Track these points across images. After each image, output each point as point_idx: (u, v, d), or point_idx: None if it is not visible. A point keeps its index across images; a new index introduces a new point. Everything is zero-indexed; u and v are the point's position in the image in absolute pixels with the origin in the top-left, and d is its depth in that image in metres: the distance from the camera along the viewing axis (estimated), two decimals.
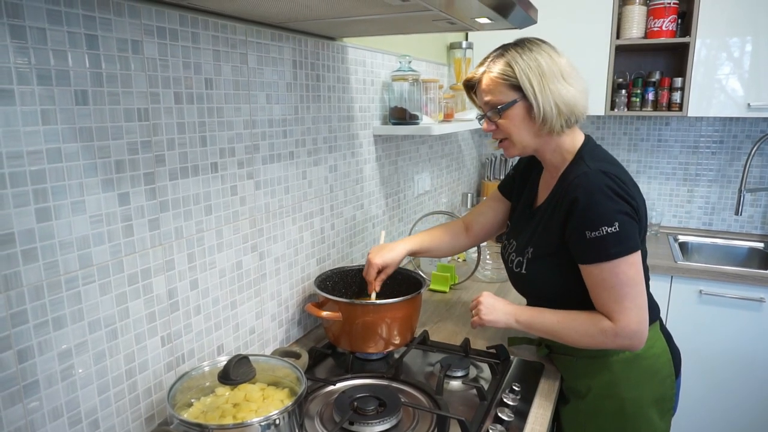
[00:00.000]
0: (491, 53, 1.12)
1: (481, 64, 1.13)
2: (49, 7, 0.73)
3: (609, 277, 1.02)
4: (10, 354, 0.73)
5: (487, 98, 1.11)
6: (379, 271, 1.31)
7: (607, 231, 0.99)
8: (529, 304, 1.23)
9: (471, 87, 1.17)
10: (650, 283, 1.16)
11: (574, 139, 1.12)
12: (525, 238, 1.18)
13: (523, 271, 1.16)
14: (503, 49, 1.10)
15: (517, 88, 1.06)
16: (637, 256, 1.03)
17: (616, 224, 0.99)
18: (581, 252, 1.04)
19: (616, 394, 1.13)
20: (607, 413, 1.14)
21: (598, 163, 1.06)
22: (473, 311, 1.20)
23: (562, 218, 1.06)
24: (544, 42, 1.10)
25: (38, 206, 0.74)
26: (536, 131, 1.09)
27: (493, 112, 1.11)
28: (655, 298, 1.18)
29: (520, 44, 1.09)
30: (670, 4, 2.16)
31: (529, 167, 1.29)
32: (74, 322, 0.81)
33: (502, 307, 1.17)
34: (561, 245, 1.08)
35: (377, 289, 1.32)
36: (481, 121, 1.17)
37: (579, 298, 1.09)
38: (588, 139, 1.14)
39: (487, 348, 1.29)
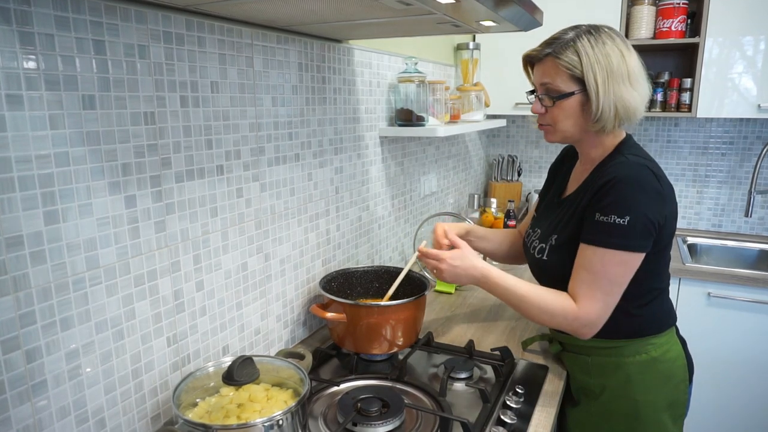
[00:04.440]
0: (560, 33, 1.07)
1: (548, 44, 1.08)
2: (58, 14, 0.75)
3: (596, 262, 1.02)
4: (18, 354, 0.74)
5: (545, 80, 1.08)
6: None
7: (614, 220, 0.99)
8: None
9: (530, 61, 1.14)
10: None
11: (616, 136, 1.12)
12: (550, 226, 1.17)
13: (545, 258, 1.15)
14: (576, 34, 1.05)
15: (580, 81, 1.04)
16: (633, 258, 1.02)
17: (627, 218, 0.98)
18: (586, 229, 1.04)
19: (630, 396, 1.12)
20: (620, 415, 1.14)
21: (638, 158, 1.05)
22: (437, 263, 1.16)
23: (588, 200, 1.05)
24: (618, 35, 1.06)
25: (46, 209, 0.76)
26: (585, 126, 1.08)
27: (547, 96, 1.08)
28: None
29: (596, 33, 1.05)
30: (679, 4, 2.14)
31: (561, 162, 1.31)
32: (81, 323, 0.82)
33: (470, 262, 1.14)
34: (581, 230, 1.07)
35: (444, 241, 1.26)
36: (530, 98, 1.15)
37: None
38: (629, 136, 1.13)
39: (492, 350, 1.29)
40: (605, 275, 1.02)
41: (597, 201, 1.02)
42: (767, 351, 1.97)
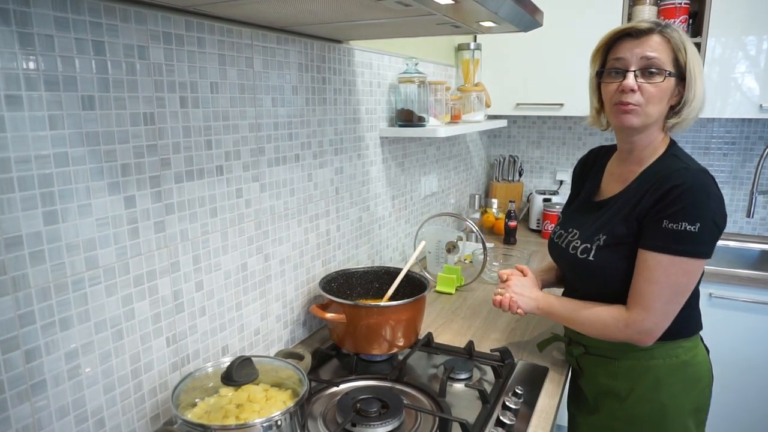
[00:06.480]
0: (648, 20, 1.07)
1: (648, 22, 1.06)
2: (57, 15, 0.75)
3: (659, 271, 1.00)
4: (17, 354, 0.74)
5: (651, 55, 1.03)
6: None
7: (685, 227, 0.97)
8: (588, 291, 1.17)
9: (616, 38, 1.09)
10: None
11: (666, 137, 1.12)
12: (594, 227, 1.14)
13: (590, 258, 1.11)
14: (665, 25, 1.05)
15: (678, 66, 1.04)
16: (698, 265, 1.01)
17: (698, 225, 0.97)
18: (649, 236, 1.02)
19: (658, 399, 1.10)
20: (646, 419, 1.12)
21: (698, 165, 1.05)
22: (505, 298, 1.22)
23: (650, 204, 1.03)
24: None
25: (45, 209, 0.76)
26: (663, 115, 1.08)
27: (645, 73, 1.04)
28: None
29: (679, 30, 1.06)
30: (681, 4, 2.14)
31: (586, 166, 1.30)
32: (81, 323, 0.82)
33: (530, 290, 1.22)
34: (638, 233, 1.05)
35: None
36: (599, 75, 1.12)
37: None
38: (674, 141, 1.13)
39: (491, 351, 1.29)
40: (667, 284, 1.00)
41: (664, 208, 1.00)
42: None
